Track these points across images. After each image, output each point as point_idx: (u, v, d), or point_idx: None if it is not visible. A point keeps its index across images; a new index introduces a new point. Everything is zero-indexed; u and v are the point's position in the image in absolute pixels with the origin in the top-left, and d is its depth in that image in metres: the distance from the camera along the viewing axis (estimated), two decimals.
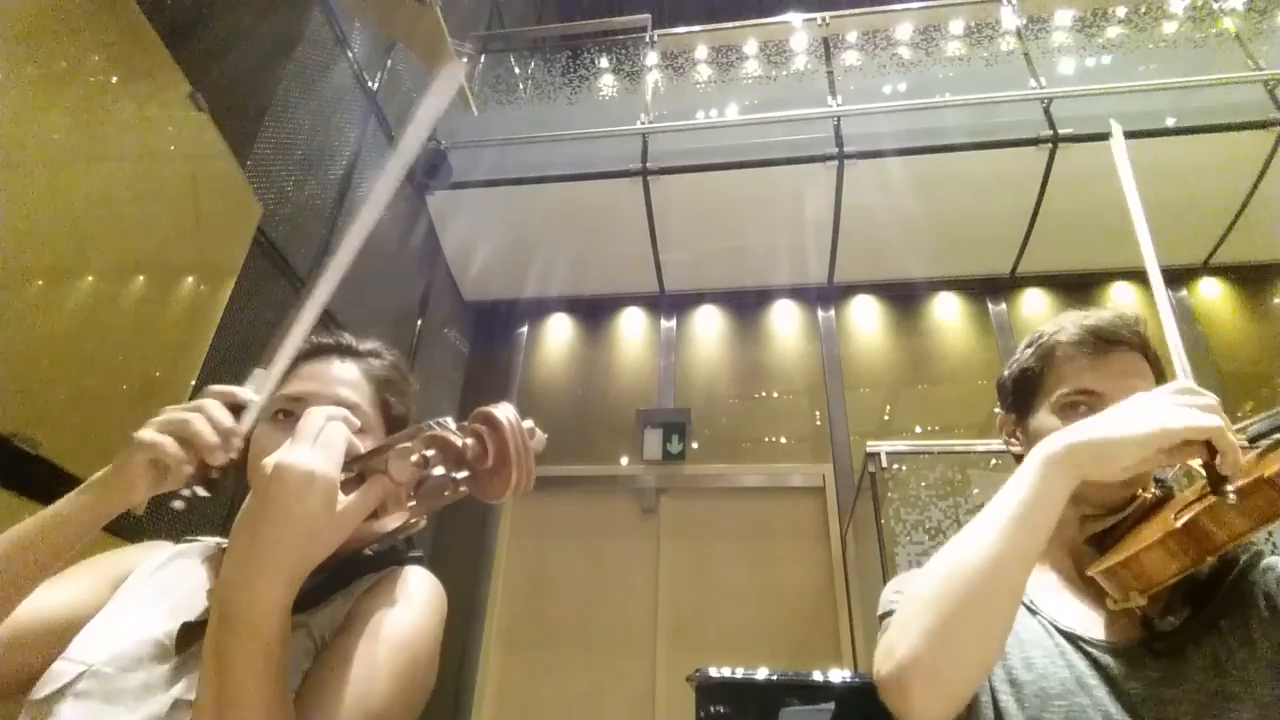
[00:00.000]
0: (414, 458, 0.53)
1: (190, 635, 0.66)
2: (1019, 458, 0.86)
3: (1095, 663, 0.70)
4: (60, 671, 0.64)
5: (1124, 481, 0.70)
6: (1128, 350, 0.80)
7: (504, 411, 0.54)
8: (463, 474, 0.53)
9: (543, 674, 3.38)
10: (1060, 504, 0.62)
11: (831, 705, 1.09)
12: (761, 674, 1.88)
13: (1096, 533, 0.76)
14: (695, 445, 3.78)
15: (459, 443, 0.53)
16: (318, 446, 0.54)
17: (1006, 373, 0.92)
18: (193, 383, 1.84)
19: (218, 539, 0.87)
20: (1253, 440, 0.59)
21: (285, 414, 0.78)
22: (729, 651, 3.23)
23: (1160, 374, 0.81)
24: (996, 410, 0.92)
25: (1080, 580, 0.78)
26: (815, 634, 3.20)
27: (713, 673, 1.89)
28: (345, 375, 0.83)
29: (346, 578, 0.74)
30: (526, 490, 0.52)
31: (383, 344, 0.90)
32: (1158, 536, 0.65)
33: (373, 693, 0.60)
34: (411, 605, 0.71)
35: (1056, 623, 0.75)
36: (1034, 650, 0.73)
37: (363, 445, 0.61)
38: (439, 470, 0.53)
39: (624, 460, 3.80)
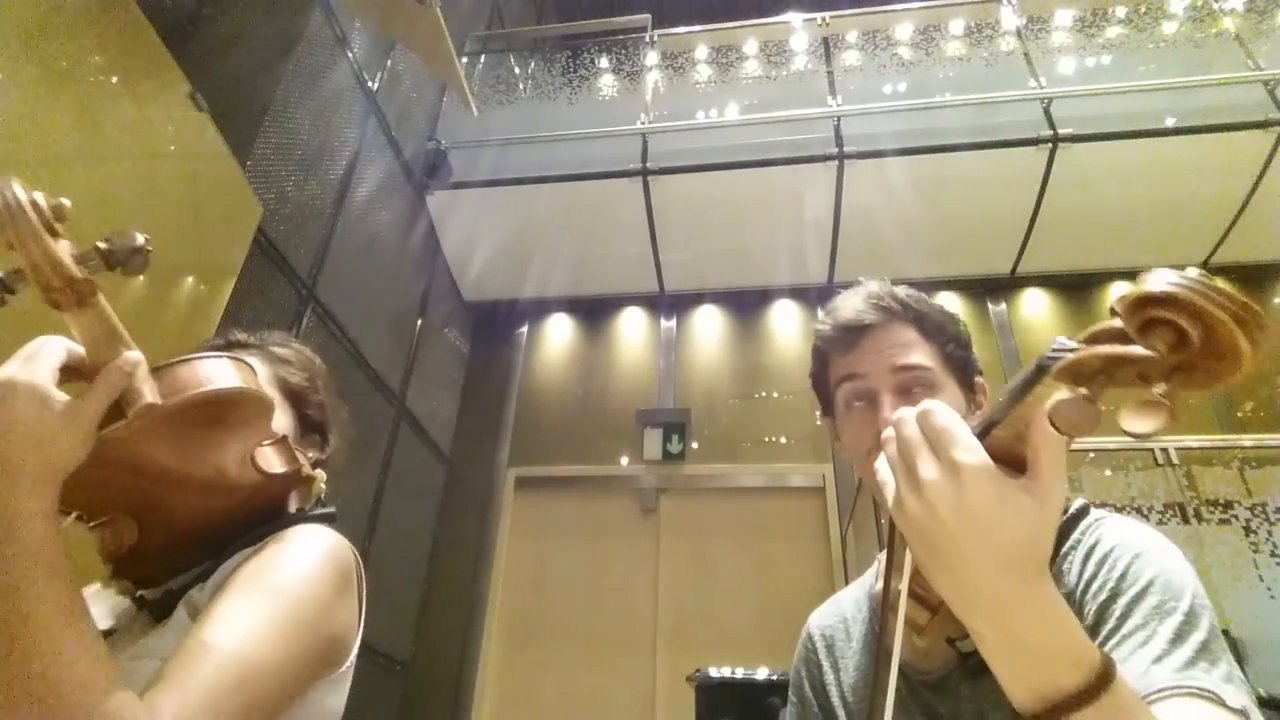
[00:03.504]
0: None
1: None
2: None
3: (920, 700, 0.69)
4: None
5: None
6: (881, 328, 0.77)
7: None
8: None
9: (543, 673, 3.38)
10: None
11: None
12: (761, 674, 1.88)
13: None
14: (695, 445, 3.78)
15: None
16: (22, 360, 0.56)
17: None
18: None
19: None
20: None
21: None
22: (729, 651, 3.23)
23: (937, 329, 0.77)
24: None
25: None
26: None
27: (713, 673, 1.89)
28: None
29: (231, 545, 0.70)
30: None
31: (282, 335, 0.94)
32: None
33: (241, 652, 0.55)
34: (287, 555, 0.66)
35: (902, 660, 0.74)
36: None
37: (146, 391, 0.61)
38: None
39: (624, 460, 3.80)
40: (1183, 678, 0.50)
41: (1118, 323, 0.38)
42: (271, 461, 0.71)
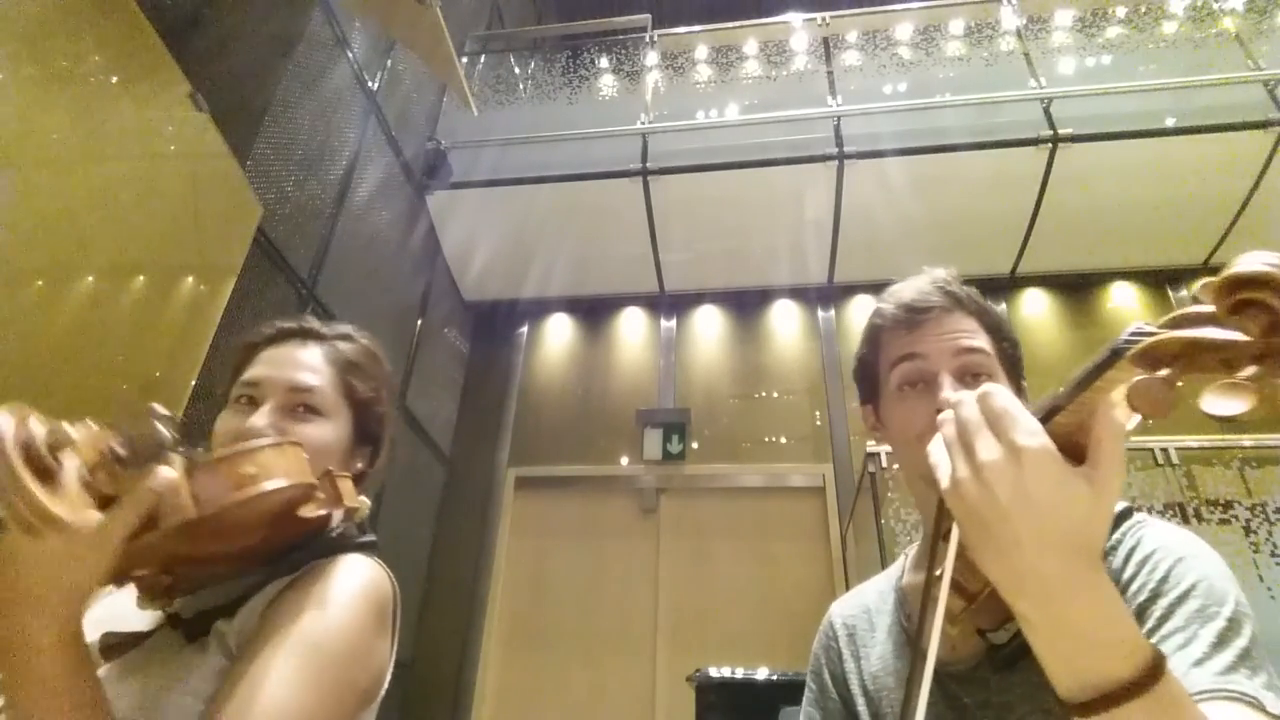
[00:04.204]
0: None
1: (119, 647, 0.64)
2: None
3: (946, 691, 0.67)
4: None
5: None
6: (945, 313, 0.77)
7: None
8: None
9: (543, 673, 3.38)
10: None
11: None
12: (761, 674, 1.89)
13: (947, 531, 0.72)
14: (695, 445, 3.78)
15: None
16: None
17: (854, 365, 0.89)
18: (193, 382, 1.84)
19: None
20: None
21: (247, 399, 0.77)
22: (729, 651, 3.23)
23: (995, 325, 0.77)
24: (859, 405, 0.88)
25: None
26: (815, 634, 3.19)
27: (713, 673, 1.90)
28: (305, 358, 0.80)
29: (267, 576, 0.68)
30: None
31: (357, 329, 0.88)
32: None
33: (278, 709, 0.54)
34: (328, 600, 0.64)
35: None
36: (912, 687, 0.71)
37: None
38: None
39: (624, 460, 3.80)
40: (1224, 681, 0.49)
41: (1201, 308, 0.38)
42: (315, 509, 0.68)
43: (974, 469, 0.43)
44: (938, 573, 0.49)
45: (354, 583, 0.68)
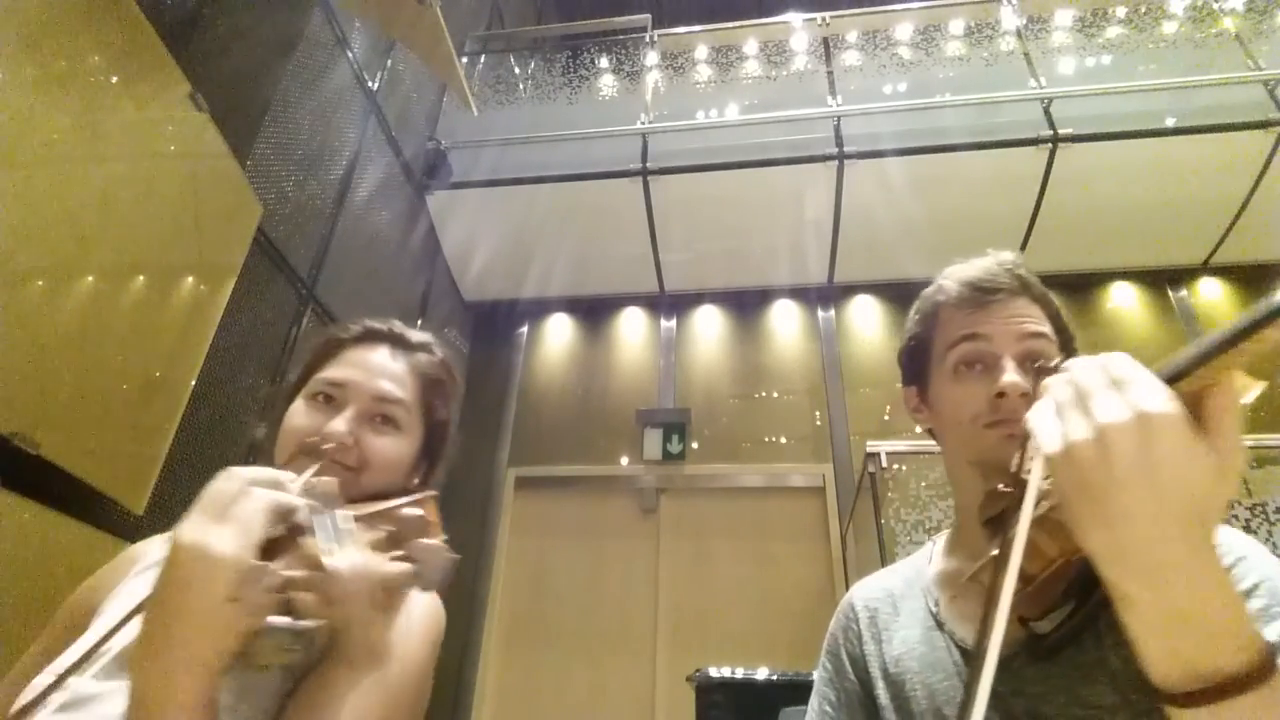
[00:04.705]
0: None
1: None
2: (931, 432, 0.82)
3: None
4: (36, 684, 0.59)
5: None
6: (1011, 296, 0.76)
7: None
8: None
9: (543, 673, 3.38)
10: None
11: None
12: (761, 674, 1.88)
13: (991, 517, 0.69)
14: (695, 445, 3.78)
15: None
16: (228, 522, 0.47)
17: (902, 345, 0.86)
18: (193, 383, 1.84)
19: None
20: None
21: (326, 398, 0.75)
22: (729, 651, 3.23)
23: (1056, 315, 0.77)
24: (901, 386, 0.85)
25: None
26: (815, 634, 3.17)
27: (713, 673, 1.89)
28: (394, 368, 0.79)
29: None
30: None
31: (434, 338, 0.86)
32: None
33: None
34: (413, 635, 0.67)
35: (955, 636, 0.70)
36: (935, 674, 0.69)
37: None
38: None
39: (624, 460, 3.80)
40: None
41: None
42: None
43: (1095, 431, 0.40)
44: (1001, 551, 0.47)
45: (432, 621, 0.70)
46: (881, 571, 0.89)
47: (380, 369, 0.77)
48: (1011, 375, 0.69)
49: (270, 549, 0.49)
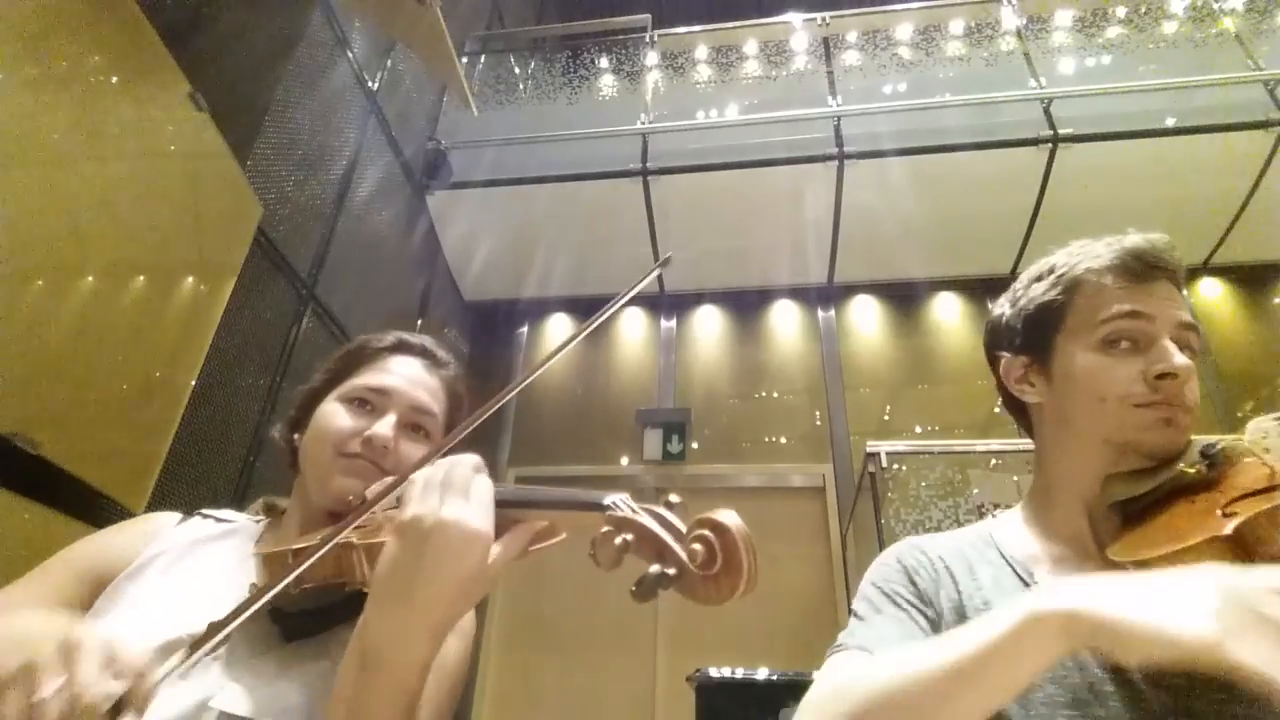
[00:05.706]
0: (617, 541, 0.53)
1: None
2: (1017, 410, 0.79)
3: (1112, 667, 0.59)
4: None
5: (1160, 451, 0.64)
6: (1170, 277, 0.72)
7: (733, 519, 0.51)
8: (671, 571, 0.51)
9: (542, 674, 3.38)
10: (1038, 670, 0.48)
11: None
12: (761, 674, 1.88)
13: (1121, 499, 0.66)
14: (695, 445, 3.78)
15: (679, 550, 0.51)
16: (474, 503, 0.53)
17: (1010, 310, 0.80)
18: (193, 383, 1.84)
19: (247, 516, 0.83)
20: None
21: (361, 402, 0.78)
22: (729, 651, 3.22)
23: (1189, 310, 0.74)
24: (1002, 354, 0.79)
25: (1099, 556, 0.67)
26: (815, 634, 3.19)
27: (713, 673, 1.89)
28: (432, 382, 0.83)
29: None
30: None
31: (449, 352, 0.90)
32: (1202, 538, 0.54)
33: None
34: (462, 636, 0.73)
35: None
36: None
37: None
38: (654, 567, 0.51)
39: (624, 460, 3.80)
40: None
41: None
42: None
43: None
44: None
45: (472, 620, 0.76)
46: (935, 535, 0.82)
47: (419, 380, 0.81)
48: (1182, 358, 0.67)
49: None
